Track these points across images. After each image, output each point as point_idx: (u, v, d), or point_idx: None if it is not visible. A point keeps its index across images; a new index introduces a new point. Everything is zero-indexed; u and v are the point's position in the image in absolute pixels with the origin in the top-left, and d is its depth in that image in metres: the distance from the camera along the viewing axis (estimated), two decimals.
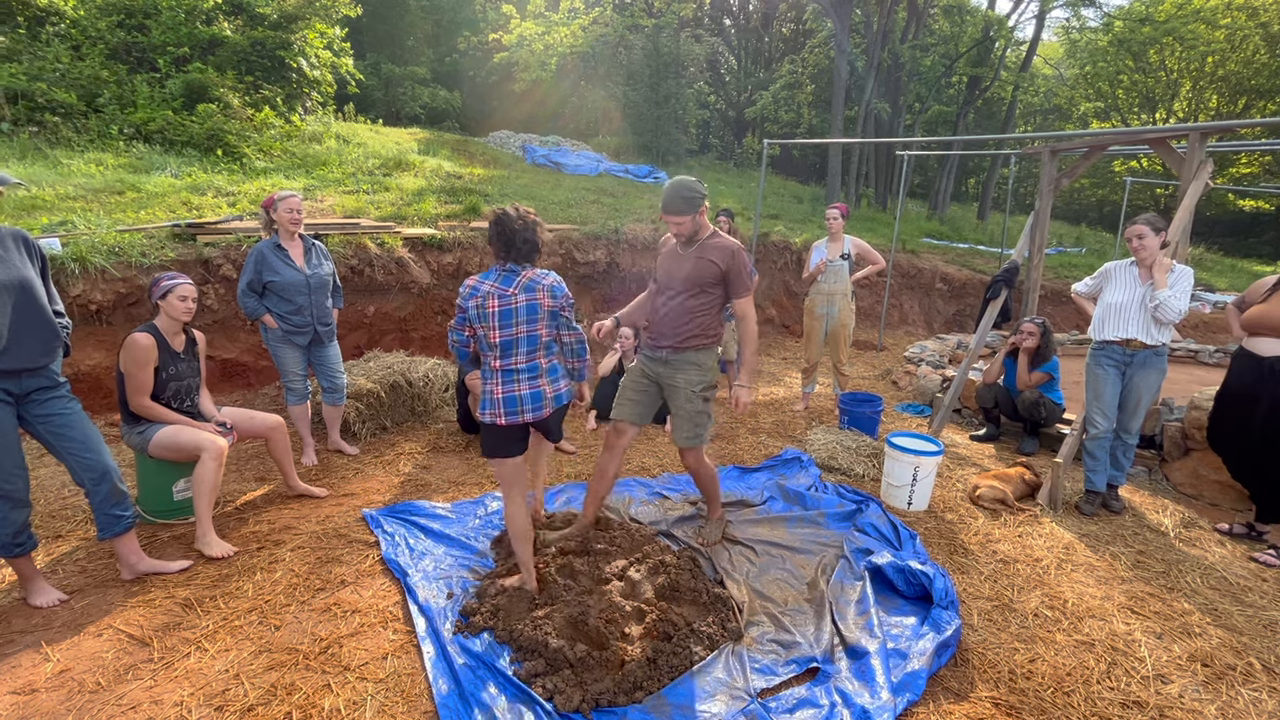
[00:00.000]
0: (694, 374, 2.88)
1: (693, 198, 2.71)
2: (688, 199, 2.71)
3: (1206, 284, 13.08)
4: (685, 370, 2.88)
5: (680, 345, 2.86)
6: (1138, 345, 3.58)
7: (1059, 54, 26.15)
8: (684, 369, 2.88)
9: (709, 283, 2.81)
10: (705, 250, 2.82)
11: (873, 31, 16.96)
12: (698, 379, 2.88)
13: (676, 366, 2.89)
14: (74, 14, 8.26)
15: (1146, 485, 4.23)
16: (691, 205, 2.71)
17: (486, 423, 2.48)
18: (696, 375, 2.88)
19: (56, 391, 2.49)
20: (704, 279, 2.81)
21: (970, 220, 18.50)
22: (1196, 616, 2.79)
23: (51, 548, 2.94)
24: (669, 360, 2.91)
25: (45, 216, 4.52)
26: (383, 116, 13.42)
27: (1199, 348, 7.64)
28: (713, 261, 2.79)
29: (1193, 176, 4.12)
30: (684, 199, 2.71)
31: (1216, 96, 22.44)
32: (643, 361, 3.04)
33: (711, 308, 2.87)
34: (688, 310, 2.84)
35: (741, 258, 2.81)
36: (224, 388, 4.70)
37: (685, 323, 2.85)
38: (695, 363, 2.88)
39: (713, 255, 2.80)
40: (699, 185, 2.75)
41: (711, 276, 2.80)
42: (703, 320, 2.86)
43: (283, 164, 7.66)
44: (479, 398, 3.95)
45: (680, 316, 2.85)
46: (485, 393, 2.49)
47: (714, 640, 2.40)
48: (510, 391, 2.45)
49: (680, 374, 2.89)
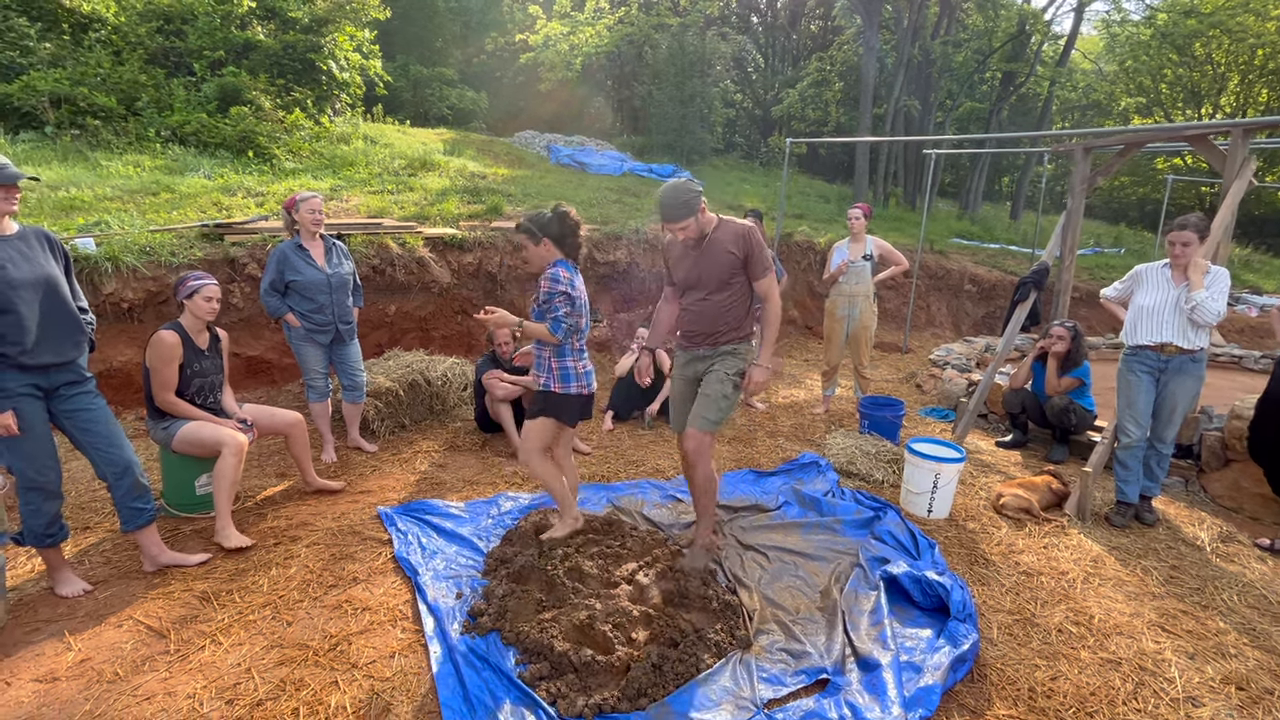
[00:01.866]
0: (731, 361, 2.87)
1: (690, 200, 2.66)
2: (686, 203, 2.66)
3: (1254, 286, 12.55)
4: (723, 359, 2.88)
5: (722, 342, 2.87)
6: (1173, 350, 3.44)
7: (1098, 48, 25.32)
8: (722, 358, 2.88)
9: (731, 274, 2.78)
10: (717, 242, 2.77)
11: (903, 27, 16.63)
12: (734, 365, 2.87)
13: (715, 358, 2.90)
14: (115, 20, 8.54)
15: (1183, 497, 4.06)
16: (690, 208, 2.67)
17: (573, 394, 2.96)
18: (734, 362, 2.87)
19: (83, 386, 2.56)
20: (725, 272, 2.77)
21: (1003, 220, 18.03)
22: (1232, 636, 2.66)
23: (80, 539, 3.03)
24: (705, 356, 2.92)
25: (82, 217, 4.68)
26: (410, 117, 13.60)
27: (1244, 353, 7.31)
28: (729, 251, 2.75)
29: (1235, 175, 3.93)
30: (683, 204, 2.66)
31: (1266, 90, 21.47)
32: (680, 367, 3.03)
33: (740, 300, 2.84)
34: (717, 308, 2.82)
35: (755, 237, 2.77)
36: (248, 385, 4.80)
37: (718, 321, 2.84)
38: (733, 352, 2.89)
39: (728, 245, 2.76)
40: (692, 184, 2.69)
41: (731, 267, 2.76)
42: (734, 315, 2.84)
43: (311, 165, 7.81)
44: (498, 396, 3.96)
45: (711, 316, 2.84)
46: (567, 369, 2.95)
47: (722, 648, 2.36)
48: (587, 367, 3.03)
49: (718, 361, 2.88)
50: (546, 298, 2.85)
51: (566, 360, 2.97)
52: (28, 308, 2.32)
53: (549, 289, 2.84)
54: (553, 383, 2.98)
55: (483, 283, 6.16)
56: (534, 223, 2.84)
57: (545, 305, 2.86)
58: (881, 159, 16.68)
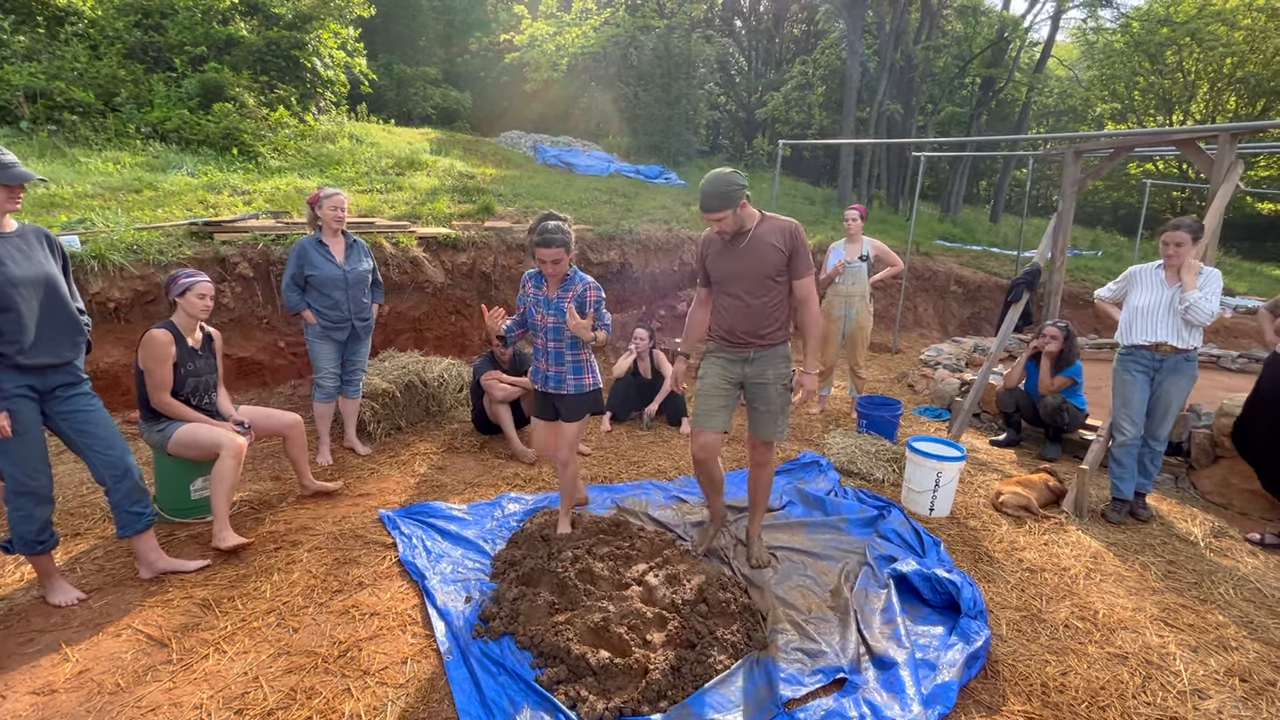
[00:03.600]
0: (782, 366, 2.82)
1: (730, 191, 2.57)
2: (725, 194, 2.57)
3: (1227, 288, 12.89)
4: (775, 364, 2.81)
5: (767, 343, 2.79)
6: (1167, 350, 3.51)
7: (1074, 55, 25.91)
8: (773, 363, 2.81)
9: (776, 271, 2.69)
10: (761, 238, 2.68)
11: (885, 33, 16.85)
12: (785, 371, 2.82)
13: (766, 363, 2.81)
14: (92, 14, 8.31)
15: (1174, 493, 4.14)
16: (730, 199, 2.57)
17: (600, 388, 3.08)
18: (785, 367, 2.82)
19: (80, 388, 2.48)
20: (770, 268, 2.69)
21: (983, 222, 18.33)
22: (1232, 630, 2.72)
23: (70, 545, 2.93)
24: (754, 359, 2.82)
25: (64, 214, 4.54)
26: (395, 116, 13.45)
27: (1221, 353, 7.51)
28: (774, 245, 2.66)
29: (1223, 178, 4.03)
30: (721, 195, 2.57)
31: (1235, 98, 22.14)
32: (721, 365, 2.89)
33: (783, 300, 2.77)
34: (765, 306, 2.74)
35: (801, 234, 2.69)
36: (240, 386, 4.69)
37: (766, 319, 2.76)
38: (783, 355, 2.83)
39: (773, 239, 2.67)
40: (736, 176, 2.60)
41: (777, 263, 2.68)
42: (782, 312, 2.78)
43: (297, 163, 7.67)
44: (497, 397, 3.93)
45: (759, 314, 2.75)
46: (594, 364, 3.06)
47: (738, 649, 2.35)
48: None
49: (770, 368, 2.81)
50: (598, 306, 2.92)
51: (593, 356, 3.07)
52: (27, 306, 2.24)
53: (599, 297, 2.93)
54: (598, 379, 3.05)
55: (476, 283, 6.10)
56: (565, 234, 2.80)
57: (596, 313, 2.91)
58: (865, 162, 16.87)
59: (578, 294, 2.88)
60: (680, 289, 7.77)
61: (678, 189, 11.86)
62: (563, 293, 2.90)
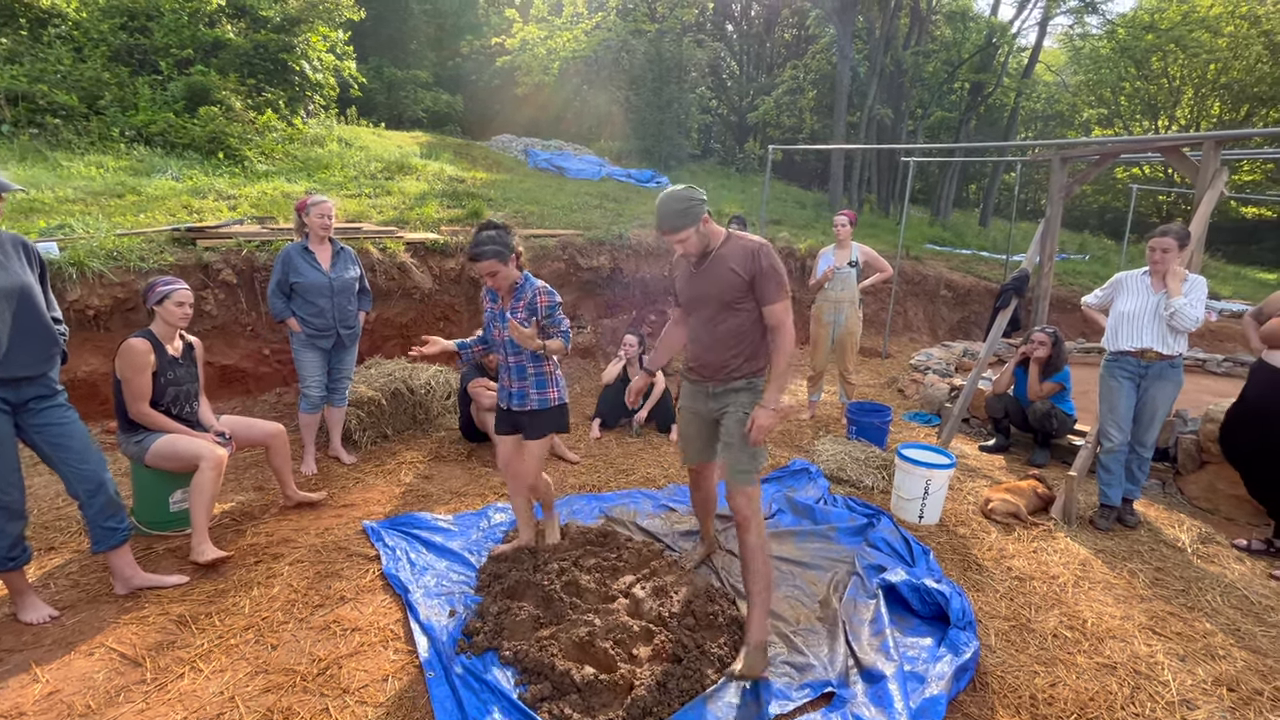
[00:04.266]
0: (746, 398, 2.51)
1: (689, 208, 2.35)
2: (684, 211, 2.34)
3: (1212, 293, 13.02)
4: (737, 397, 2.53)
5: (727, 378, 2.53)
6: (1153, 356, 3.52)
7: (1061, 61, 26.17)
8: (735, 397, 2.53)
9: (737, 297, 2.44)
10: (721, 259, 2.44)
11: (875, 38, 16.96)
12: (750, 400, 2.51)
13: (725, 399, 2.55)
14: (76, 16, 8.22)
15: (1161, 499, 4.15)
16: (689, 217, 2.35)
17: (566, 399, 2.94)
18: (749, 398, 2.51)
19: (54, 400, 2.42)
20: (730, 294, 2.43)
21: (973, 226, 18.46)
22: (1219, 638, 2.71)
23: (44, 560, 2.86)
24: (715, 394, 2.58)
25: (43, 220, 4.46)
26: (385, 120, 13.38)
27: (1206, 356, 7.56)
28: (733, 270, 2.40)
29: (1208, 184, 4.06)
30: (679, 213, 2.34)
31: (1219, 104, 22.44)
32: (689, 397, 2.71)
33: (751, 328, 2.47)
34: (726, 336, 2.49)
35: (765, 257, 2.39)
36: (223, 394, 4.63)
37: (727, 351, 2.50)
38: (749, 388, 2.53)
39: (732, 263, 2.41)
40: (694, 192, 2.39)
41: (737, 289, 2.42)
42: (747, 345, 2.49)
43: (284, 167, 7.60)
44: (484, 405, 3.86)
45: (720, 346, 2.50)
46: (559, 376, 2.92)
47: (725, 663, 2.32)
48: None
49: (731, 403, 2.53)
50: (549, 311, 2.76)
51: (558, 368, 2.93)
52: (0, 317, 2.18)
53: (550, 302, 2.76)
54: (563, 395, 2.91)
55: (465, 288, 6.05)
56: (499, 244, 2.65)
57: (548, 320, 2.77)
58: (856, 166, 16.95)
59: (528, 301, 2.75)
60: (671, 294, 7.75)
61: None
62: (515, 303, 2.76)
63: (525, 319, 2.76)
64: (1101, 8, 17.97)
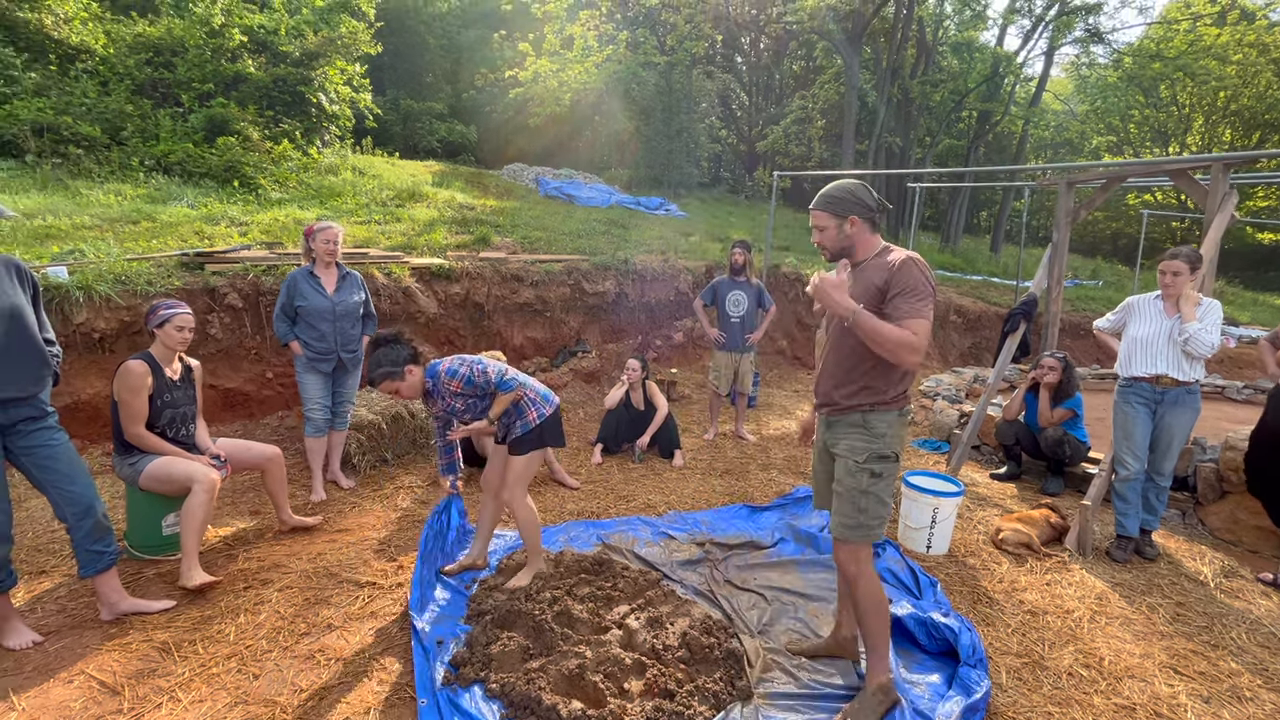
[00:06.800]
0: (858, 439, 2.17)
1: (842, 200, 2.14)
2: (835, 199, 2.15)
3: (1230, 318, 12.81)
4: (848, 435, 2.20)
5: (842, 407, 2.20)
6: (1168, 382, 3.42)
7: (1068, 90, 26.34)
8: (846, 434, 2.20)
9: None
10: (864, 273, 2.15)
11: (882, 68, 17.19)
12: (862, 446, 2.15)
13: (836, 433, 2.24)
14: (104, 52, 8.52)
15: (1181, 530, 4.00)
16: (836, 205, 2.14)
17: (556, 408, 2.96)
18: (862, 441, 2.16)
19: (44, 422, 2.42)
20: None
21: (983, 253, 18.39)
22: (1246, 678, 2.57)
23: (35, 584, 2.83)
24: (830, 423, 2.29)
25: (56, 245, 4.55)
26: (401, 150, 13.67)
27: (1226, 383, 7.39)
28: (873, 283, 2.09)
29: (1218, 209, 3.99)
30: (830, 198, 2.16)
31: (1230, 131, 22.40)
32: (818, 430, 2.44)
33: (872, 353, 2.08)
34: (842, 359, 2.19)
35: (910, 270, 2.03)
36: (226, 418, 4.63)
37: (845, 375, 2.19)
38: (860, 425, 2.18)
39: (874, 274, 2.10)
40: (860, 190, 2.14)
41: (869, 304, 2.07)
42: (863, 373, 2.15)
43: (298, 195, 7.75)
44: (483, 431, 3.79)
45: (839, 367, 2.21)
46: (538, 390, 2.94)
47: (720, 699, 2.22)
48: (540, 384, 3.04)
49: (842, 440, 2.21)
50: (470, 386, 2.73)
51: (530, 390, 2.89)
52: None
53: (463, 385, 2.72)
54: (543, 410, 2.88)
55: (469, 312, 6.08)
56: (390, 362, 2.65)
57: (480, 391, 2.77)
58: None
59: (446, 396, 2.77)
60: (676, 318, 7.74)
61: (677, 220, 11.95)
62: (434, 406, 2.87)
63: (464, 407, 2.82)
64: (1108, 37, 18.13)
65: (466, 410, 2.84)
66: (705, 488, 4.38)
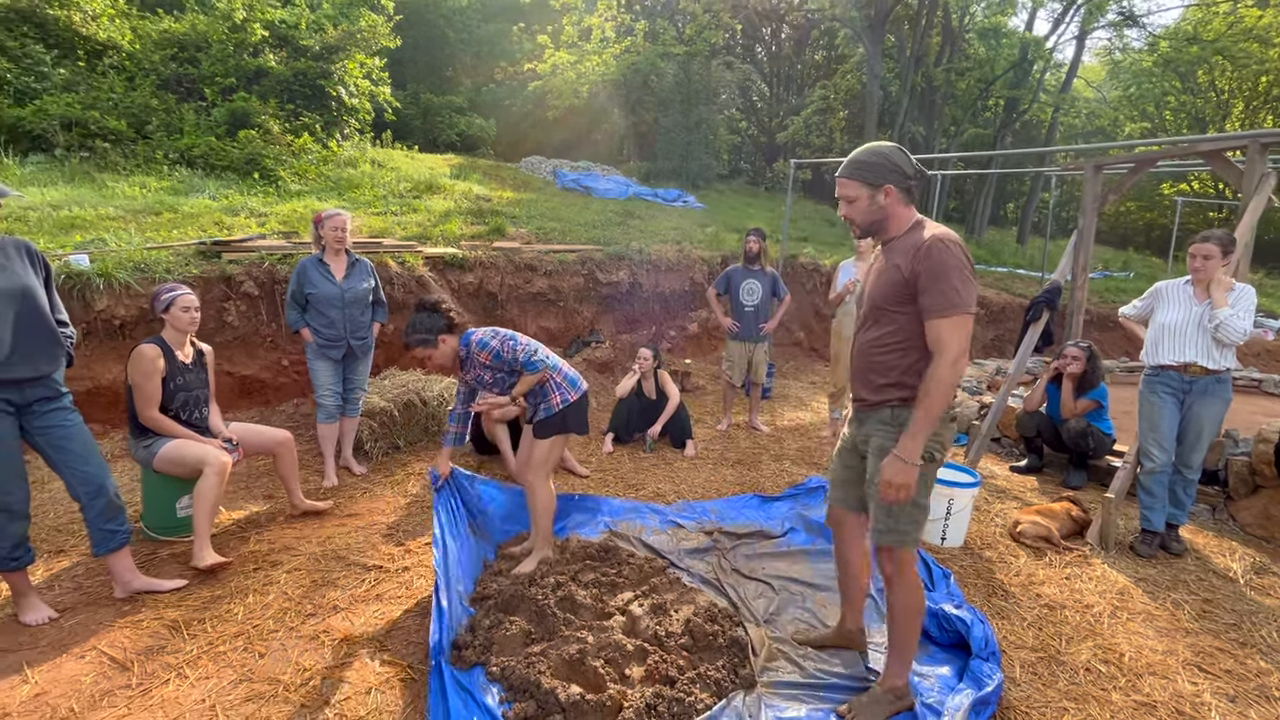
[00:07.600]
0: (889, 439, 1.97)
1: (875, 165, 1.91)
2: (863, 164, 1.93)
3: (1268, 310, 12.33)
4: (878, 432, 2.02)
5: (871, 401, 2.04)
6: (1197, 370, 3.28)
7: (1100, 76, 25.56)
8: (877, 430, 2.03)
9: (893, 298, 1.93)
10: (891, 252, 1.97)
11: (906, 56, 16.83)
12: (893, 446, 1.93)
13: (866, 429, 2.08)
14: (130, 48, 8.69)
15: (1211, 525, 3.86)
16: (865, 171, 1.92)
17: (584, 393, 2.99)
18: (893, 441, 1.95)
19: (59, 402, 2.46)
20: (884, 295, 1.96)
21: (1009, 244, 17.98)
22: (1275, 677, 2.46)
23: (53, 562, 2.90)
24: (861, 418, 2.12)
25: (80, 235, 4.65)
26: (420, 144, 13.76)
27: (1263, 376, 7.12)
28: (896, 265, 1.91)
29: (1254, 190, 3.82)
30: (858, 162, 1.94)
31: (1271, 117, 21.52)
32: (849, 425, 2.24)
33: (905, 342, 1.93)
34: (870, 347, 2.02)
35: (939, 255, 1.82)
36: (241, 405, 4.71)
37: (872, 365, 2.02)
38: (891, 422, 1.99)
39: (898, 256, 1.92)
40: (893, 152, 1.92)
41: (894, 290, 1.91)
42: (894, 365, 1.96)
43: (316, 187, 7.84)
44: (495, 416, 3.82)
45: (863, 358, 2.05)
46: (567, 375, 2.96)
47: (723, 687, 2.19)
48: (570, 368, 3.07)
49: (874, 437, 2.03)
50: (498, 360, 2.77)
51: (556, 374, 2.91)
52: (2, 318, 2.23)
53: (492, 358, 2.76)
54: (568, 395, 2.89)
55: (483, 302, 6.09)
56: (425, 330, 2.70)
57: (508, 367, 2.79)
58: None
59: (477, 365, 2.80)
60: (690, 309, 7.68)
61: (695, 211, 11.86)
62: (467, 375, 2.87)
63: (493, 380, 2.82)
64: (1143, 20, 17.52)
65: (495, 384, 2.86)
66: (716, 478, 4.34)
